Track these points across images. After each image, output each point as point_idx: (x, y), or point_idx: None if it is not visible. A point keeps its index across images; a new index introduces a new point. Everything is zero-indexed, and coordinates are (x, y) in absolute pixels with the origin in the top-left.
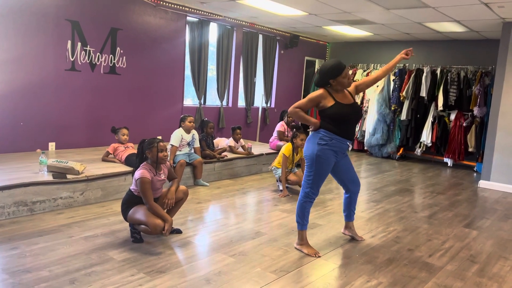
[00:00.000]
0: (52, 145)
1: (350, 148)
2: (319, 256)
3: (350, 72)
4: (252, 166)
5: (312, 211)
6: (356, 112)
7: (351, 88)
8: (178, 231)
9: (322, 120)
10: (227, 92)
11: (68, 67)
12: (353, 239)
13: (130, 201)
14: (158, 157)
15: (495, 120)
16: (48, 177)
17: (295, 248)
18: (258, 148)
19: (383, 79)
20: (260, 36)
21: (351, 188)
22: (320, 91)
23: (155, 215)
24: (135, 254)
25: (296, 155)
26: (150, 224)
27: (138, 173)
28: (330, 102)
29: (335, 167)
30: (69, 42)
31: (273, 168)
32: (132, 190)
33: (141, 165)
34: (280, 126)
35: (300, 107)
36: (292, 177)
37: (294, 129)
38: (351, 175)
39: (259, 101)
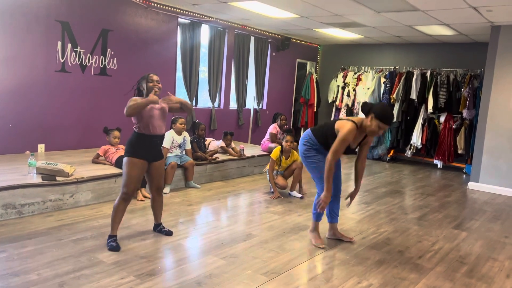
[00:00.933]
0: (41, 147)
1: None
2: (323, 247)
3: (341, 74)
4: (244, 168)
5: (304, 213)
6: (351, 151)
7: (368, 137)
8: (169, 233)
9: (325, 132)
10: (218, 94)
11: (58, 68)
12: (341, 241)
13: (130, 140)
14: (147, 87)
15: (484, 122)
16: (37, 179)
17: (309, 234)
18: (249, 150)
19: (373, 82)
20: (252, 38)
21: (333, 191)
22: (353, 130)
23: (135, 109)
24: (125, 257)
25: (286, 159)
26: (127, 180)
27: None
28: (350, 140)
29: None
30: (59, 43)
31: (266, 170)
32: (135, 130)
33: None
34: (273, 128)
35: (336, 158)
36: (280, 181)
37: (283, 133)
38: (337, 179)
39: (251, 103)
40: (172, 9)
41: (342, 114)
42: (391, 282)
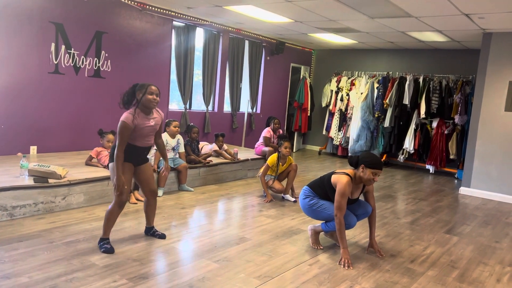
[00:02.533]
0: (33, 149)
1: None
2: (320, 248)
3: (335, 79)
4: (237, 171)
5: (297, 217)
6: (351, 203)
7: (368, 188)
8: (162, 236)
9: (322, 188)
10: (212, 97)
11: (51, 70)
12: (335, 245)
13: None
14: (144, 98)
15: (475, 128)
16: (29, 181)
17: (308, 229)
18: (243, 153)
19: (367, 87)
20: (246, 42)
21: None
22: (349, 183)
23: (116, 164)
24: (117, 260)
25: (282, 165)
26: (117, 182)
27: (122, 116)
28: (347, 194)
29: None
30: (53, 45)
31: (259, 175)
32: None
33: (130, 109)
34: (266, 132)
35: (343, 209)
36: (276, 185)
37: (279, 139)
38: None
39: (245, 106)
40: (167, 12)
41: (336, 118)
42: (383, 286)
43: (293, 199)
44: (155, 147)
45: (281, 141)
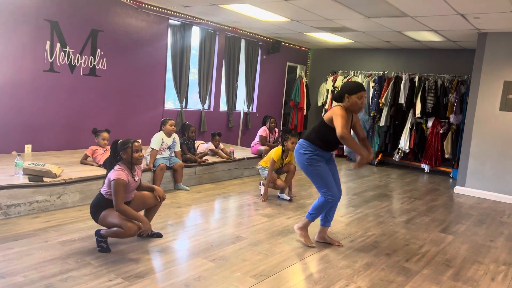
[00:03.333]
0: (28, 147)
1: (334, 155)
2: (312, 246)
3: (331, 78)
4: (233, 170)
5: (293, 215)
6: (336, 144)
7: (354, 117)
8: (159, 235)
9: (317, 132)
10: (209, 96)
11: (46, 68)
12: (330, 244)
13: (99, 205)
14: (133, 158)
15: (470, 127)
16: (23, 180)
17: (296, 230)
18: (239, 152)
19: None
20: (243, 41)
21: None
22: (341, 108)
23: (127, 217)
24: (113, 259)
25: (285, 158)
26: (124, 226)
27: (114, 174)
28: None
29: None
30: (48, 43)
31: (259, 167)
32: (103, 192)
33: (117, 166)
34: (263, 131)
35: (348, 130)
36: (279, 182)
37: (284, 132)
38: (336, 180)
39: (241, 105)
40: (163, 10)
41: None
42: (379, 285)
43: (289, 198)
44: (150, 146)
45: (287, 135)
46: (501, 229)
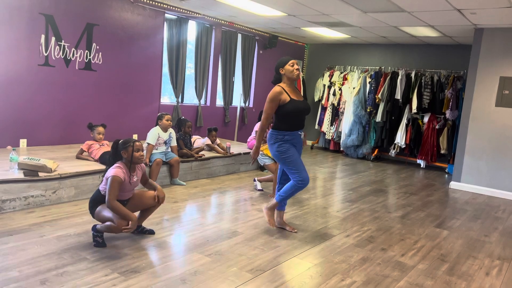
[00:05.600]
0: (23, 142)
1: (302, 136)
2: (274, 227)
3: (327, 73)
4: (230, 165)
5: (289, 210)
6: (307, 108)
7: (295, 88)
8: (151, 232)
9: (276, 117)
10: (205, 91)
11: (41, 62)
12: (324, 239)
13: (96, 200)
14: (133, 157)
15: (466, 123)
16: (18, 174)
17: (263, 210)
18: (236, 147)
19: (359, 81)
20: (239, 36)
21: (283, 180)
22: (277, 88)
23: (116, 214)
24: (109, 254)
25: None
26: (115, 220)
27: (111, 171)
28: (286, 99)
29: None
30: (43, 37)
31: (260, 153)
32: (100, 189)
33: (116, 164)
34: (259, 126)
35: (267, 117)
36: (273, 166)
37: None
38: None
39: (238, 100)
40: (159, 4)
41: (328, 113)
42: (374, 280)
43: (260, 189)
44: (146, 141)
45: None
46: (495, 224)
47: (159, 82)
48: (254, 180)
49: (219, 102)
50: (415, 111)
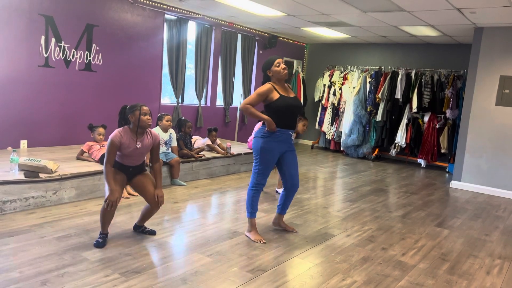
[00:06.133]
0: (24, 143)
1: (293, 137)
2: (264, 242)
3: (327, 73)
4: (230, 166)
5: (289, 211)
6: (298, 105)
7: (285, 85)
8: (152, 233)
9: (268, 114)
10: (205, 91)
11: (41, 63)
12: (325, 238)
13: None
14: (140, 121)
15: (466, 122)
16: (19, 175)
17: (245, 235)
18: (236, 147)
19: (359, 81)
20: (239, 36)
21: (288, 185)
22: (267, 85)
23: (106, 178)
24: (109, 255)
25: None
26: (110, 187)
27: (111, 135)
28: (276, 96)
29: (281, 159)
30: (43, 38)
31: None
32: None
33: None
34: (259, 126)
35: (250, 103)
36: None
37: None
38: (292, 174)
39: (238, 100)
40: (159, 5)
41: (328, 113)
42: (375, 279)
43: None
44: None
45: (301, 117)
46: (496, 223)
47: (159, 82)
48: (277, 192)
49: (219, 102)
50: (415, 110)
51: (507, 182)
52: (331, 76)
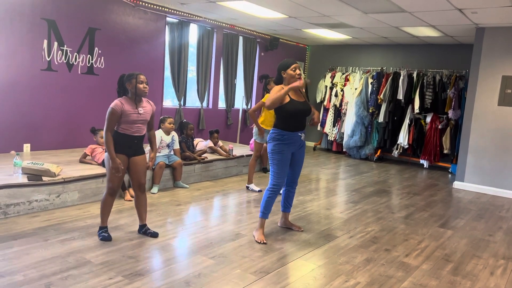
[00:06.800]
0: (27, 147)
1: (303, 137)
2: (265, 243)
3: (329, 74)
4: (233, 167)
5: (292, 212)
6: (307, 109)
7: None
8: (154, 235)
9: (276, 117)
10: (207, 94)
11: (44, 67)
12: (328, 240)
13: (113, 138)
14: (137, 88)
15: (469, 122)
16: (22, 179)
17: (253, 234)
18: (238, 149)
19: (361, 82)
20: (241, 38)
21: (289, 182)
22: (277, 88)
23: (105, 145)
24: (113, 257)
25: None
26: (111, 158)
27: (112, 103)
28: (286, 99)
29: (292, 157)
30: (45, 42)
31: (255, 131)
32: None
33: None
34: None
35: (274, 106)
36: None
37: (264, 79)
38: (295, 171)
39: (240, 102)
40: (160, 8)
41: (330, 114)
42: (378, 280)
43: (258, 190)
44: None
45: (268, 79)
46: (499, 224)
47: (161, 85)
48: (248, 189)
49: (221, 104)
50: (418, 111)
51: (510, 182)
52: (332, 77)
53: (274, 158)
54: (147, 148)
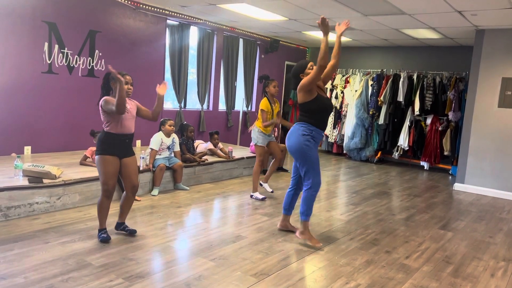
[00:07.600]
0: (27, 149)
1: (323, 137)
2: (321, 245)
3: None
4: (233, 169)
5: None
6: (331, 105)
7: (321, 84)
8: (132, 232)
9: (302, 113)
10: (207, 96)
11: (45, 70)
12: (329, 242)
13: (103, 139)
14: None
15: (469, 124)
16: (23, 181)
17: (298, 237)
18: (238, 151)
19: (361, 84)
20: (241, 40)
21: (298, 183)
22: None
23: (119, 100)
24: (113, 259)
25: (274, 105)
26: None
27: (102, 99)
28: (314, 93)
29: None
30: (46, 44)
31: (253, 128)
32: (104, 127)
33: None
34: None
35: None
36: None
37: (264, 80)
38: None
39: (240, 105)
40: (161, 10)
41: (330, 116)
42: (379, 282)
43: (271, 190)
44: (150, 147)
45: (267, 81)
46: (500, 225)
47: None
48: (261, 185)
49: (222, 106)
50: (418, 113)
51: (510, 183)
52: (333, 79)
53: (308, 155)
54: (147, 150)
